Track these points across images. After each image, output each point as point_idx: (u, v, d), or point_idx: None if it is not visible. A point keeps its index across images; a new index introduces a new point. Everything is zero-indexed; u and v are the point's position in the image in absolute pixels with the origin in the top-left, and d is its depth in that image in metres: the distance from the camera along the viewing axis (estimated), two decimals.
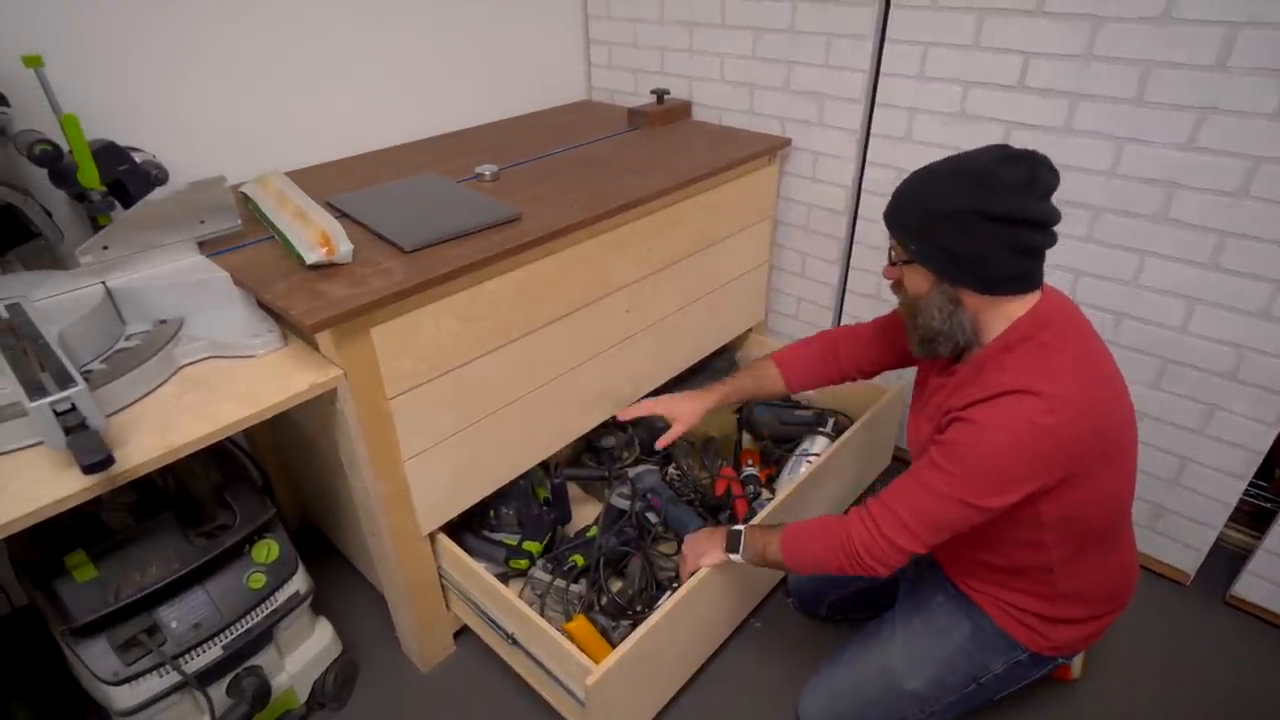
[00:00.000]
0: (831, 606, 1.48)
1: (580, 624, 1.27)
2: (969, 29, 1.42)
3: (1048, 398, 0.89)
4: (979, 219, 0.90)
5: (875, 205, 1.71)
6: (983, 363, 0.98)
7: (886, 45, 1.55)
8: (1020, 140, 1.44)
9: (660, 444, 1.38)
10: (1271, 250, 1.26)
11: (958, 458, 0.93)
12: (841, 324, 1.94)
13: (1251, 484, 1.51)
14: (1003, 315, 0.96)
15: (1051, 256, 1.45)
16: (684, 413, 1.37)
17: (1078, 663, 1.39)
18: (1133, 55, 1.26)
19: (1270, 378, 1.34)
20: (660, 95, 1.91)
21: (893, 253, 1.02)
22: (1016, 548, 1.04)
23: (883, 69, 1.58)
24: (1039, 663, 1.15)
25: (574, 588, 1.41)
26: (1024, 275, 0.95)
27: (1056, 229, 0.94)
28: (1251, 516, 1.64)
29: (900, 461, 1.93)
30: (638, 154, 1.67)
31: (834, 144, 1.73)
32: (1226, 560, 1.61)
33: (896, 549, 0.98)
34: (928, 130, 1.56)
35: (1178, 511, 1.55)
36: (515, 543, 1.47)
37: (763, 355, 1.39)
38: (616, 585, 1.44)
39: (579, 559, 1.44)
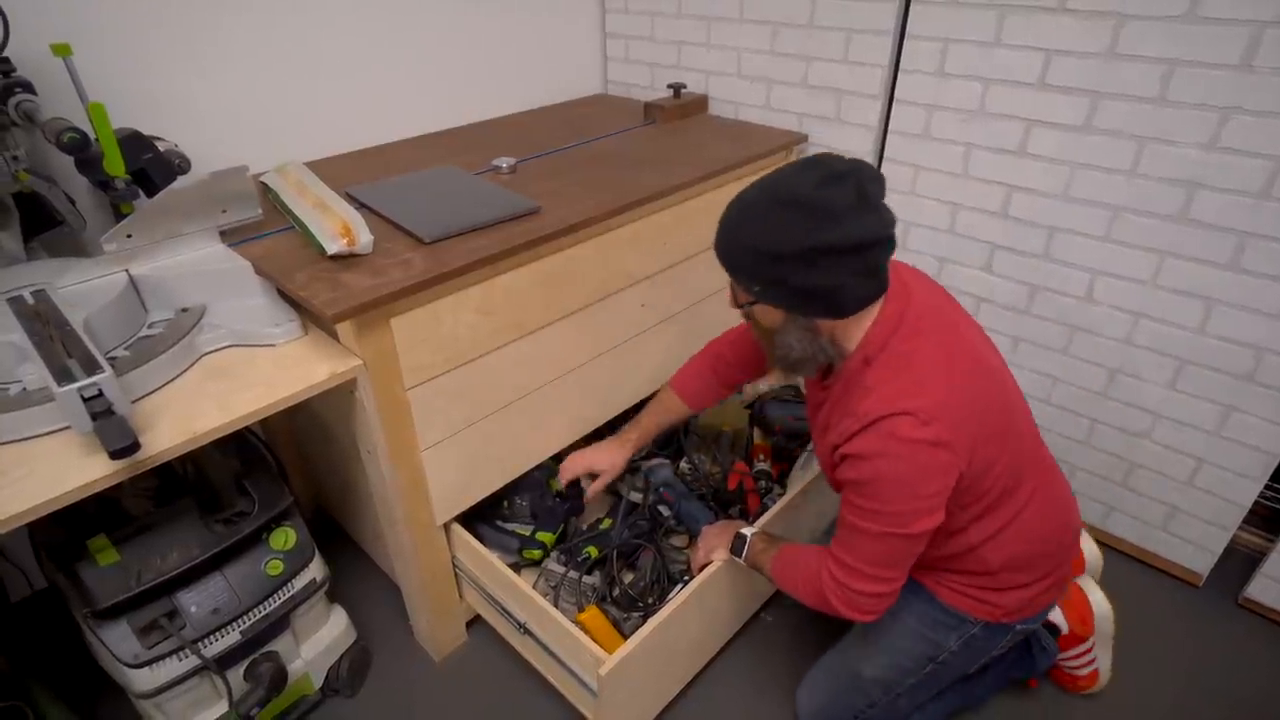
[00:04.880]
0: None
1: (593, 614, 1.28)
2: (990, 25, 1.41)
3: (916, 411, 0.89)
4: (819, 253, 0.87)
5: (890, 203, 1.70)
6: (848, 381, 0.98)
7: (906, 41, 1.54)
8: (1041, 138, 1.43)
9: (588, 497, 1.39)
10: None
11: (869, 494, 0.93)
12: None
13: (1267, 486, 1.50)
14: (858, 327, 0.96)
15: (1069, 255, 1.49)
16: (609, 465, 1.38)
17: (1105, 671, 1.36)
18: (1156, 54, 1.26)
19: None
20: (677, 89, 1.91)
21: (737, 294, 0.98)
22: (939, 541, 1.03)
23: (902, 65, 1.57)
24: (995, 632, 1.12)
25: (587, 579, 1.42)
26: (874, 292, 0.93)
27: (896, 233, 0.91)
28: (1265, 519, 1.63)
29: None
30: (654, 148, 1.67)
31: (851, 140, 1.72)
32: (1240, 562, 1.60)
33: (870, 596, 0.99)
34: (946, 127, 1.55)
35: (1191, 513, 1.54)
36: (529, 533, 1.48)
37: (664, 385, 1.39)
38: (628, 577, 1.45)
39: (592, 550, 1.45)
